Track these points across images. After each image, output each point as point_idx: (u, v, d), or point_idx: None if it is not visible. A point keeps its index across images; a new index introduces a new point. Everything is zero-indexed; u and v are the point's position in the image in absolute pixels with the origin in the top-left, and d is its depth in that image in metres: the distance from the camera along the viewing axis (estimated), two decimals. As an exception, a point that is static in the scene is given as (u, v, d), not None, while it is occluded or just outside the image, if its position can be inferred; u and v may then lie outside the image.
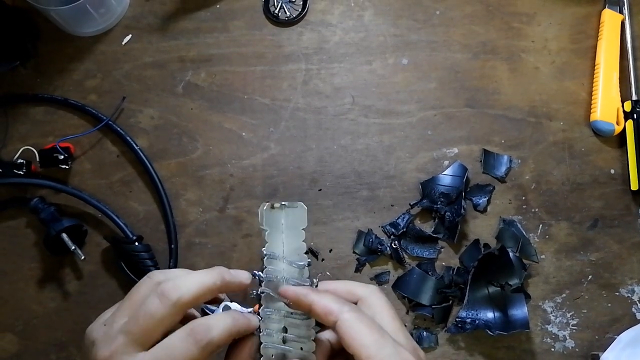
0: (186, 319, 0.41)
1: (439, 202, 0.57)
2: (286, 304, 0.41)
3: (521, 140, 0.60)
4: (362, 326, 0.38)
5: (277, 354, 0.40)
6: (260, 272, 0.42)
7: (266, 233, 0.41)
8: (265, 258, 0.41)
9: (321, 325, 0.41)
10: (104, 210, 0.56)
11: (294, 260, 0.41)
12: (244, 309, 0.55)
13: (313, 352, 0.40)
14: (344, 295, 0.43)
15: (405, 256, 0.57)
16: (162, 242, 0.58)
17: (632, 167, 0.59)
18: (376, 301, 0.42)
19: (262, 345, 0.40)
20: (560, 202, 0.59)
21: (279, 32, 0.62)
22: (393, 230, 0.58)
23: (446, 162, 0.59)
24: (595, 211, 0.59)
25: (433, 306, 0.56)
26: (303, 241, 0.42)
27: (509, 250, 0.55)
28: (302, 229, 0.42)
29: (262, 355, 0.40)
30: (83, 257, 0.55)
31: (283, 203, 0.42)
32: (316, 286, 0.42)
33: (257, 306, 0.48)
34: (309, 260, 0.42)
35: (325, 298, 0.40)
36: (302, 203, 0.42)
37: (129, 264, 0.56)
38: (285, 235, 0.42)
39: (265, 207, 0.41)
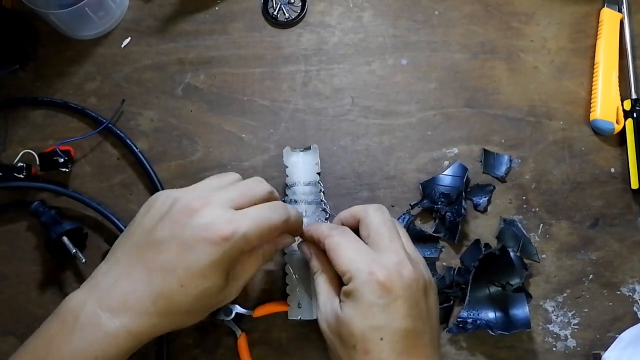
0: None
1: (440, 203, 0.57)
2: None
3: (521, 140, 0.60)
4: (342, 246, 0.45)
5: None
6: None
7: (286, 169, 0.56)
8: (287, 187, 0.55)
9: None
10: (104, 213, 0.56)
11: (310, 180, 0.55)
12: (245, 310, 0.56)
13: None
14: (348, 219, 0.50)
15: (406, 257, 0.57)
16: (162, 244, 0.58)
17: (632, 165, 0.59)
18: (371, 219, 0.48)
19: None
20: (561, 201, 0.59)
21: (278, 33, 0.62)
22: (394, 230, 0.58)
23: (446, 163, 0.59)
24: (595, 210, 0.59)
25: (434, 306, 0.56)
26: (317, 173, 0.56)
27: (509, 250, 0.55)
28: (316, 164, 0.56)
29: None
30: (84, 261, 0.55)
31: (300, 149, 0.57)
32: (326, 206, 0.55)
33: (257, 311, 0.55)
34: (319, 179, 0.56)
35: (320, 227, 0.49)
36: (315, 145, 0.57)
37: (129, 267, 0.56)
38: (302, 168, 0.56)
39: (285, 149, 0.56)
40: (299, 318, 0.53)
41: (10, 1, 0.62)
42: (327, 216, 0.56)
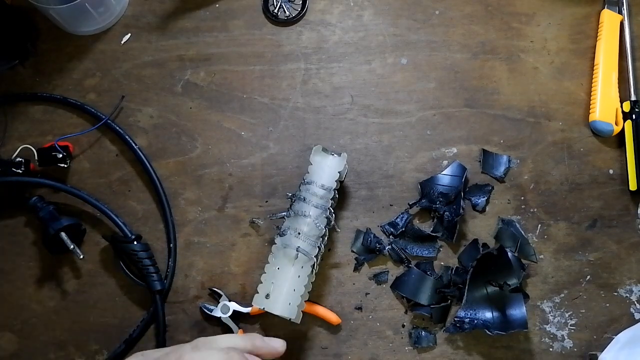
0: None
1: (438, 202, 0.57)
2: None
3: (520, 141, 0.60)
4: None
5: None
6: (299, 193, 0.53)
7: (310, 166, 0.53)
8: (303, 183, 0.53)
9: None
10: (102, 209, 0.56)
11: (327, 185, 0.52)
12: (242, 308, 0.56)
13: (314, 255, 0.52)
14: None
15: (404, 256, 0.57)
16: (160, 241, 0.58)
17: (630, 167, 0.59)
18: None
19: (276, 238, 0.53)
20: (559, 202, 0.59)
21: (278, 31, 0.62)
22: (392, 229, 0.58)
23: (445, 162, 0.59)
24: (593, 211, 0.59)
25: (432, 306, 0.56)
26: (337, 180, 0.53)
27: (507, 250, 0.55)
28: (339, 172, 0.53)
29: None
30: (82, 256, 0.55)
31: (331, 152, 0.54)
32: (332, 216, 0.53)
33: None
34: (336, 187, 0.53)
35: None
36: (345, 154, 0.54)
37: (127, 263, 0.56)
38: (324, 171, 0.53)
39: (316, 147, 0.53)
40: (262, 309, 0.51)
41: (10, -4, 0.62)
42: (330, 226, 0.54)
